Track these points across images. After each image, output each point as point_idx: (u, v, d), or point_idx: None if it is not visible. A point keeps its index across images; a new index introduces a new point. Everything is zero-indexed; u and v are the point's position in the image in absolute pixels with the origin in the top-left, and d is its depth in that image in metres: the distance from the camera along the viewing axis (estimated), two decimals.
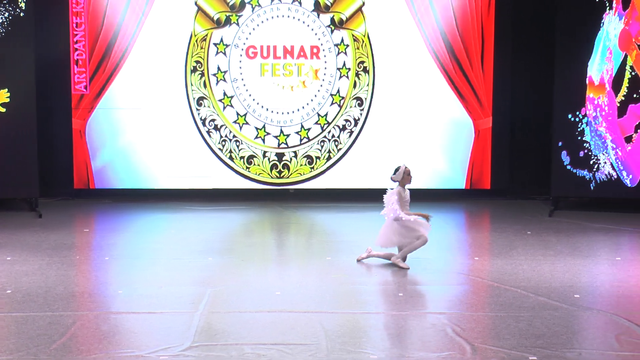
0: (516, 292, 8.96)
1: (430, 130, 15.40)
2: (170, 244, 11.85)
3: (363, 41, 15.29)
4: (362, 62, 15.31)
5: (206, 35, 15.18)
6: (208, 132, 15.31)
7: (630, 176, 13.81)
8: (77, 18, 14.98)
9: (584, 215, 13.80)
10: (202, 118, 15.29)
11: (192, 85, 15.23)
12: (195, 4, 15.12)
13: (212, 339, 7.35)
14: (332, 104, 15.36)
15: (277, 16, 15.24)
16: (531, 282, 9.46)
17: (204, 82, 15.23)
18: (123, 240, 12.15)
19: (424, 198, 15.19)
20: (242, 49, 15.23)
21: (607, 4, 13.96)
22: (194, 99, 15.26)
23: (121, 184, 15.39)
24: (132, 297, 8.83)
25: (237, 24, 15.19)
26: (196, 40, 15.18)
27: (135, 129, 15.25)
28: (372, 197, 15.30)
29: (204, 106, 15.27)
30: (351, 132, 15.41)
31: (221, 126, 15.30)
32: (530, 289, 9.08)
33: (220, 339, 7.36)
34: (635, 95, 13.68)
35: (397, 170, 10.46)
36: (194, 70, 15.22)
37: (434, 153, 15.42)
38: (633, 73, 13.69)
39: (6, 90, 13.86)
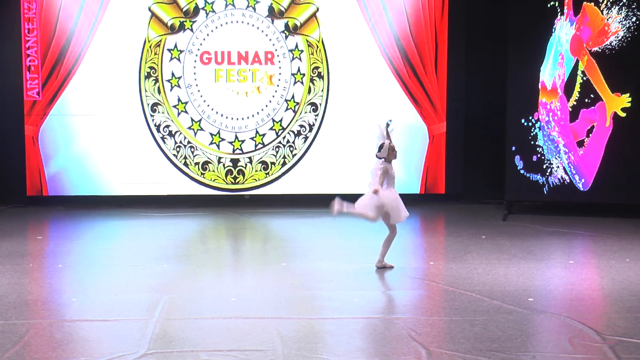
0: (471, 296, 9.01)
1: None
2: (125, 250, 11.77)
3: (317, 47, 15.31)
4: (317, 68, 15.33)
5: (160, 41, 15.12)
6: (162, 138, 15.25)
7: (583, 180, 13.95)
8: (29, 24, 14.85)
9: (538, 219, 13.91)
10: (157, 124, 15.22)
11: (146, 91, 15.16)
12: (149, 9, 15.05)
13: (168, 346, 7.31)
14: (286, 109, 15.36)
15: (232, 22, 15.22)
16: (486, 286, 9.51)
17: (158, 88, 15.17)
18: (77, 248, 12.05)
19: None
20: (197, 55, 15.19)
21: (559, 10, 14.10)
22: (148, 105, 15.19)
23: (75, 191, 15.27)
24: (86, 304, 8.76)
25: (191, 30, 15.15)
26: (150, 46, 15.11)
27: (89, 135, 15.14)
28: (327, 202, 15.29)
29: (159, 112, 15.20)
30: (306, 138, 15.42)
31: (176, 132, 15.24)
32: (484, 293, 9.13)
33: (175, 345, 7.33)
34: (586, 100, 13.83)
35: (381, 147, 10.60)
36: (148, 76, 15.15)
37: None
38: (584, 78, 13.83)
39: None
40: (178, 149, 15.27)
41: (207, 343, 7.41)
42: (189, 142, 15.27)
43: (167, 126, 15.23)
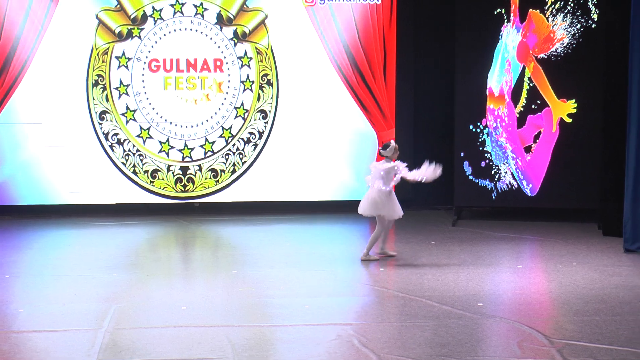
0: (421, 302, 9.07)
1: (335, 142, 15.48)
2: (73, 260, 11.68)
3: (266, 54, 15.31)
4: (266, 75, 15.33)
5: (108, 48, 15.02)
6: (111, 146, 15.15)
7: (530, 185, 14.09)
8: None
9: (486, 225, 14.03)
10: (105, 132, 15.12)
11: (94, 99, 15.05)
12: (96, 17, 14.95)
13: (117, 356, 7.27)
14: (236, 117, 15.33)
15: (180, 29, 15.17)
16: (435, 291, 9.58)
17: (106, 95, 15.07)
18: (25, 258, 11.93)
19: (329, 210, 15.31)
20: (145, 62, 15.11)
21: (505, 17, 14.24)
22: (96, 113, 15.08)
23: (22, 200, 15.11)
24: (34, 315, 8.68)
25: (139, 37, 15.07)
26: (97, 54, 15.01)
27: (36, 143, 14.99)
28: (277, 209, 15.36)
29: (107, 120, 15.10)
30: (256, 145, 15.41)
31: (124, 140, 15.15)
32: (434, 298, 9.19)
33: (125, 355, 7.29)
34: (533, 106, 13.97)
35: (387, 146, 11.54)
36: (96, 84, 15.04)
37: (339, 165, 15.51)
38: (531, 84, 13.98)
39: None
40: (127, 157, 15.18)
41: (157, 352, 7.38)
42: (137, 150, 15.19)
43: (116, 134, 15.14)
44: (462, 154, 14.58)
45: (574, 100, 13.73)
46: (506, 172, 14.29)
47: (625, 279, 10.16)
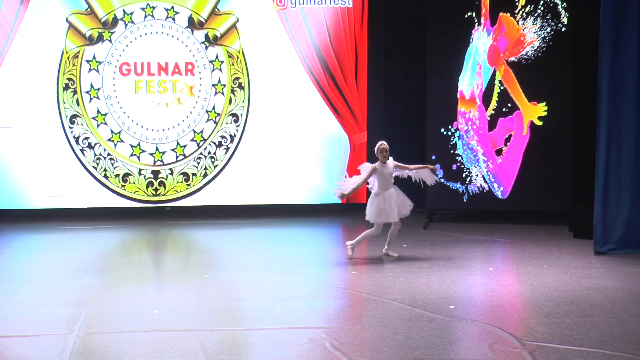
0: (393, 305, 9.08)
1: (306, 146, 15.48)
2: (44, 264, 11.61)
3: (238, 57, 15.30)
4: (238, 79, 15.31)
5: (78, 52, 14.95)
6: (82, 150, 15.07)
7: (501, 188, 14.16)
8: None
9: (458, 227, 14.07)
10: (76, 136, 15.04)
11: (64, 103, 14.98)
12: (67, 20, 14.88)
13: None
14: (207, 120, 15.31)
15: (151, 32, 15.13)
16: (407, 294, 9.59)
17: (77, 99, 15.00)
18: None
19: (301, 213, 15.31)
20: (116, 66, 15.05)
21: (476, 20, 14.31)
22: (66, 116, 15.00)
23: None
24: (4, 320, 8.62)
25: (110, 41, 15.01)
26: (68, 57, 14.94)
27: (6, 147, 14.88)
28: (249, 213, 15.33)
29: (77, 124, 15.03)
30: (227, 149, 15.38)
31: (95, 144, 15.08)
32: (406, 301, 9.20)
33: None
34: (504, 109, 14.04)
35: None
36: (66, 87, 14.97)
37: (310, 168, 15.51)
38: (502, 87, 14.05)
39: None
40: (98, 161, 15.12)
41: (129, 357, 7.35)
42: (109, 154, 15.13)
43: (87, 138, 15.07)
44: (433, 157, 14.62)
45: (544, 103, 13.81)
46: (477, 175, 14.34)
47: (595, 281, 10.22)
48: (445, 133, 14.59)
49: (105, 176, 15.14)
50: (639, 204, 11.56)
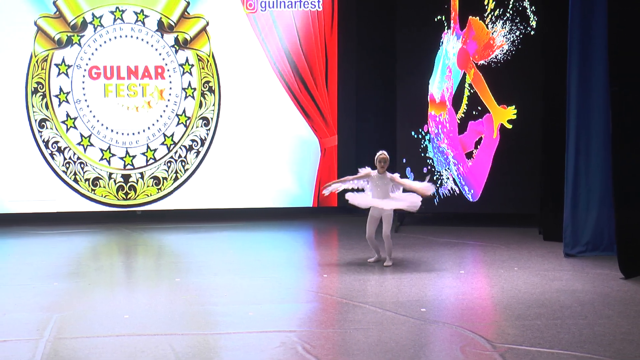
0: (365, 308, 9.09)
1: (277, 149, 15.49)
2: (13, 269, 11.52)
3: (208, 61, 15.27)
4: (208, 82, 15.29)
5: (47, 55, 14.87)
6: (51, 154, 14.99)
7: (472, 191, 14.21)
8: None
9: (429, 230, 14.10)
10: (45, 140, 14.96)
11: (33, 107, 14.89)
12: (35, 23, 14.80)
13: None
14: (178, 124, 15.27)
15: (120, 36, 15.07)
16: (379, 297, 9.61)
17: (46, 103, 14.91)
18: None
19: (272, 217, 15.30)
20: (85, 70, 14.99)
21: (446, 24, 14.36)
22: (35, 120, 14.92)
23: None
24: None
25: (79, 44, 14.95)
26: (37, 61, 14.85)
27: None
28: (220, 216, 15.31)
29: (47, 128, 14.94)
30: (198, 152, 15.35)
31: (65, 148, 15.01)
32: (378, 304, 9.21)
33: None
34: (474, 112, 14.11)
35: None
36: (35, 91, 14.88)
37: (281, 171, 15.51)
38: (472, 91, 14.11)
39: None
40: (67, 165, 15.04)
41: None
42: (78, 158, 15.05)
43: (56, 142, 14.99)
44: (404, 160, 14.67)
45: (514, 107, 13.88)
46: (448, 178, 14.40)
47: (565, 283, 10.28)
48: (415, 136, 14.64)
49: (75, 180, 15.07)
50: (607, 207, 11.62)
